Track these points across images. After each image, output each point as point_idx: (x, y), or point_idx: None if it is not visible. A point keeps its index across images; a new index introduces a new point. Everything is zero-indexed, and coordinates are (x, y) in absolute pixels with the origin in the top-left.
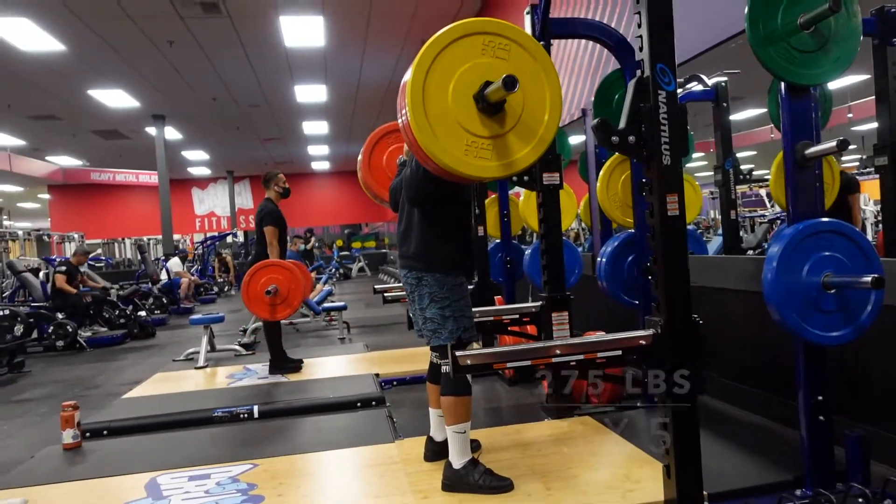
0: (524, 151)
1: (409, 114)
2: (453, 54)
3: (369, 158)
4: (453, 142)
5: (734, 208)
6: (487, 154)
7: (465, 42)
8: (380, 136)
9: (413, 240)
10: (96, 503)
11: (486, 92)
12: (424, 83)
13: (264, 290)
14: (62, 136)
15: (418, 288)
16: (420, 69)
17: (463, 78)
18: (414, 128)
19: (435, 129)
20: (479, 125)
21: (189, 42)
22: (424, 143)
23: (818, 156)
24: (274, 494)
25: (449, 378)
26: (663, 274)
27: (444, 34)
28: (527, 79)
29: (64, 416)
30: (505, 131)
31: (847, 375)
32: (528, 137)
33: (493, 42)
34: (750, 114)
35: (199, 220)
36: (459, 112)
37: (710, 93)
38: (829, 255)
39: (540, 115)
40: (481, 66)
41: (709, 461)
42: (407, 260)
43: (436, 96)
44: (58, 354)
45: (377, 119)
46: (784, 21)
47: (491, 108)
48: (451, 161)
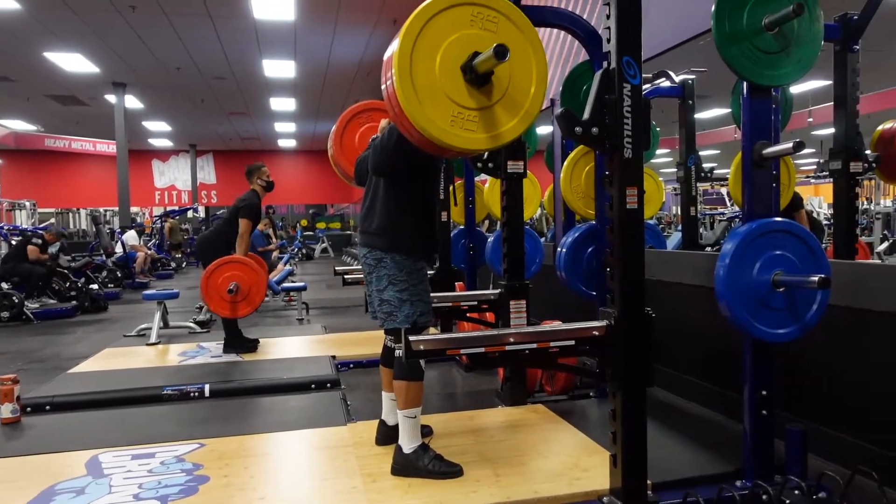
0: (511, 124)
1: (395, 83)
2: (441, 24)
3: (341, 137)
4: (440, 112)
5: (694, 205)
6: (474, 126)
7: (453, 12)
8: (353, 115)
9: (376, 216)
10: (32, 480)
11: (475, 62)
12: (412, 52)
13: (225, 287)
14: (15, 98)
15: (377, 269)
16: (408, 38)
17: (451, 48)
18: (401, 97)
19: (422, 99)
20: (466, 96)
21: (152, 8)
22: (411, 112)
23: (775, 156)
24: (220, 475)
25: (402, 362)
26: (619, 266)
27: (433, 3)
28: (514, 51)
29: (2, 390)
30: (492, 103)
31: (790, 372)
32: (514, 109)
33: (482, 14)
34: (715, 113)
35: (158, 194)
36: (447, 83)
37: (678, 89)
38: (780, 255)
39: (526, 88)
40: (469, 38)
41: (655, 451)
42: (368, 237)
43: (423, 66)
44: (2, 326)
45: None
46: (749, 21)
47: (478, 80)
48: (438, 132)
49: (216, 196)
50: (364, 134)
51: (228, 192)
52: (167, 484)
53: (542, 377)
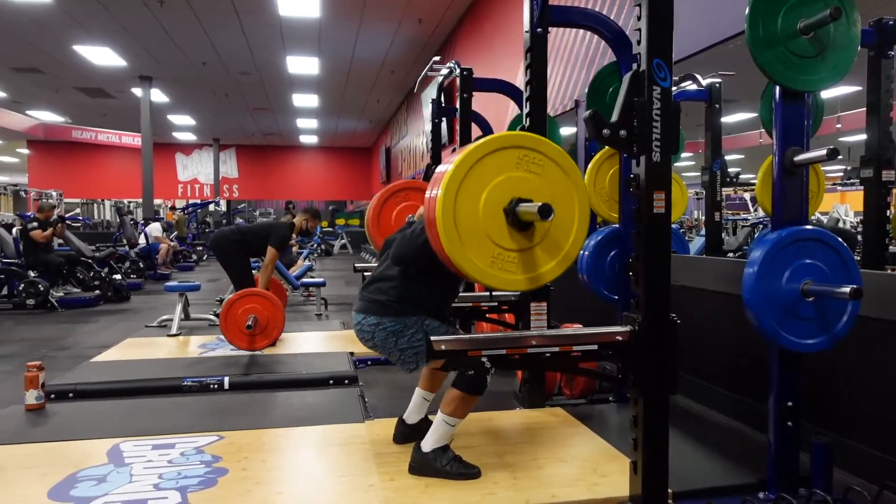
0: (549, 266)
1: (439, 222)
2: (488, 165)
3: (378, 215)
4: (480, 253)
5: (719, 210)
6: (513, 267)
7: (501, 154)
8: (389, 195)
9: (383, 290)
10: (55, 466)
11: (519, 211)
12: (458, 192)
13: (244, 320)
14: (45, 90)
15: (377, 333)
16: (455, 178)
17: (495, 190)
18: (443, 237)
19: (463, 239)
20: (507, 238)
21: (180, 3)
22: (452, 253)
23: (807, 163)
24: (238, 468)
25: (467, 376)
26: (644, 271)
27: (483, 145)
28: (557, 195)
29: (28, 377)
30: (532, 245)
31: (817, 383)
32: (554, 252)
33: (529, 156)
34: (741, 117)
35: (181, 186)
36: (489, 224)
37: (704, 93)
38: (811, 263)
39: (567, 231)
40: (514, 180)
41: (676, 460)
42: (365, 303)
43: (467, 206)
44: (27, 313)
45: (369, 96)
46: (784, 25)
47: (520, 224)
48: (476, 273)
49: (237, 190)
50: (401, 212)
51: (250, 186)
52: (187, 475)
53: (562, 380)
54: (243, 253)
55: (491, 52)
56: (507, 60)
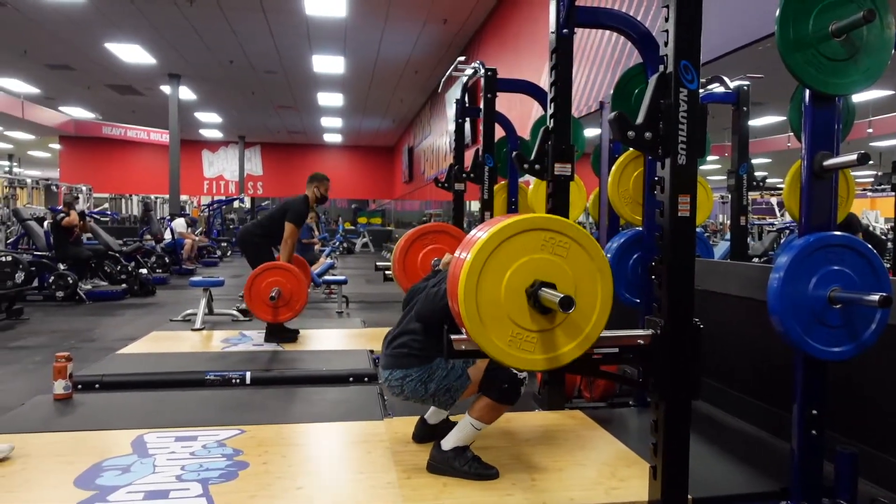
0: (569, 347)
1: (461, 303)
2: (513, 246)
3: (404, 257)
4: (500, 333)
5: (745, 214)
6: (532, 347)
7: (526, 236)
8: (414, 239)
9: (405, 343)
10: (82, 455)
11: (541, 296)
12: (481, 272)
13: (268, 292)
14: (76, 87)
15: (405, 384)
16: (480, 256)
17: (519, 272)
18: (465, 317)
19: (484, 319)
20: (528, 319)
21: (209, 2)
22: (473, 332)
23: (836, 168)
24: (259, 462)
25: (501, 386)
26: (668, 275)
27: (510, 226)
28: (581, 278)
29: (56, 367)
30: (552, 326)
31: (843, 391)
32: (574, 333)
33: (554, 239)
34: (768, 120)
35: (207, 183)
36: (510, 305)
37: (732, 95)
38: (838, 270)
39: (589, 313)
40: (537, 262)
41: (696, 465)
42: (389, 359)
43: (490, 287)
44: (57, 305)
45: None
46: (815, 27)
47: (541, 308)
48: (496, 352)
49: (262, 187)
50: (427, 255)
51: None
52: (208, 467)
53: (581, 383)
54: (268, 246)
55: (516, 53)
56: (531, 61)
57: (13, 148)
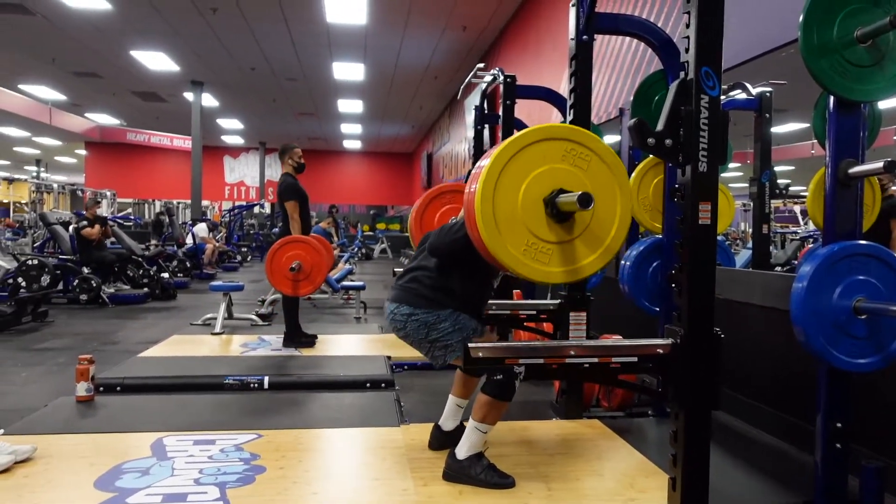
0: (590, 259)
1: (477, 207)
2: (534, 153)
3: (422, 216)
4: (516, 242)
5: (767, 223)
6: (549, 259)
7: (548, 144)
8: (433, 197)
9: (416, 278)
10: (102, 457)
11: (558, 201)
12: (499, 177)
13: (288, 265)
14: (102, 94)
15: (408, 323)
16: (498, 162)
17: (538, 180)
18: (480, 223)
19: (500, 227)
20: (545, 229)
21: (232, 10)
22: (488, 239)
23: (862, 176)
24: (275, 466)
25: (496, 381)
26: (688, 283)
27: (532, 133)
28: (601, 191)
29: (79, 369)
30: (571, 238)
31: (869, 404)
32: (594, 245)
33: (576, 150)
34: (792, 127)
35: (228, 189)
36: (528, 214)
37: (754, 102)
38: (864, 280)
39: (608, 226)
40: (557, 172)
41: (717, 477)
42: (399, 292)
43: (508, 193)
44: (80, 308)
45: (412, 102)
46: (840, 33)
47: (559, 216)
48: (511, 261)
49: None
50: (444, 214)
51: None
52: (226, 471)
53: (600, 392)
54: None
55: (535, 60)
56: (551, 68)
57: (41, 153)
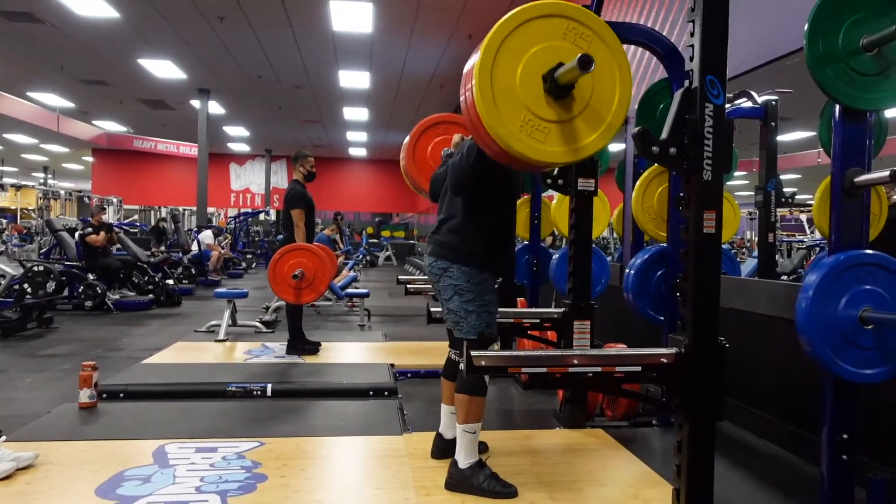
0: (591, 138)
1: (476, 77)
2: (534, 30)
3: (414, 147)
4: (514, 118)
5: (773, 231)
6: (545, 137)
7: (550, 21)
8: (426, 127)
9: (449, 230)
10: (104, 464)
11: (557, 73)
12: (499, 49)
13: (291, 273)
14: (110, 101)
15: (443, 278)
16: (500, 33)
17: (537, 56)
18: (478, 96)
19: (498, 102)
20: (544, 107)
21: (239, 19)
22: (486, 114)
23: (868, 185)
24: (277, 475)
25: (466, 379)
26: (693, 293)
27: (534, 7)
28: (602, 71)
29: (82, 376)
30: (572, 116)
31: (877, 414)
32: (595, 123)
33: (577, 30)
34: (798, 136)
35: (234, 196)
36: (526, 90)
37: (759, 110)
38: (870, 289)
39: (608, 104)
40: (558, 49)
41: (721, 488)
42: (437, 246)
43: (506, 67)
44: (85, 314)
45: (417, 111)
46: (845, 41)
47: (558, 91)
48: (509, 138)
49: None
50: (437, 146)
51: None
52: (227, 479)
53: (603, 401)
54: None
55: None
56: None
57: (48, 160)
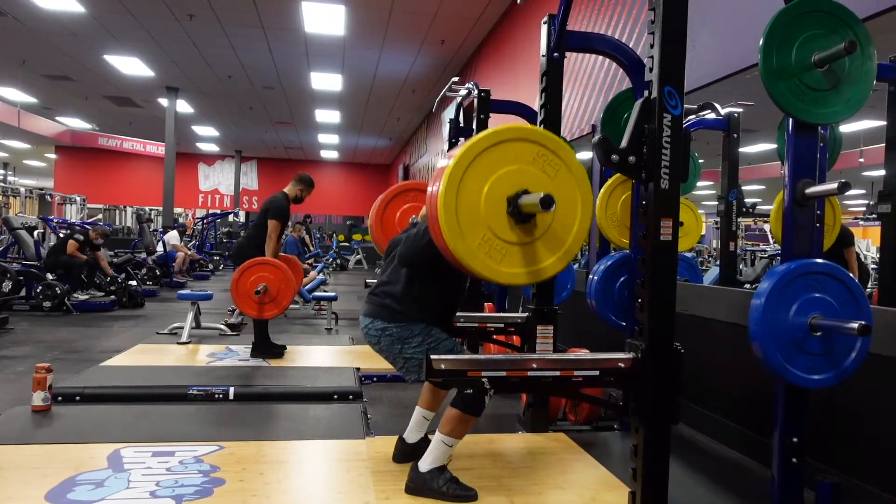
0: (550, 260)
1: (441, 195)
2: (507, 150)
3: (383, 213)
4: (473, 234)
5: (734, 240)
6: (498, 256)
7: (522, 145)
8: (396, 193)
9: (387, 292)
10: (55, 469)
11: (521, 202)
12: (471, 163)
13: (254, 288)
14: (74, 97)
15: (382, 339)
16: (476, 147)
17: (505, 177)
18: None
19: (463, 230)
20: (507, 230)
21: (209, 18)
22: (452, 242)
23: (818, 196)
24: (235, 479)
25: (466, 395)
26: (649, 298)
27: (510, 129)
28: (564, 200)
29: (36, 378)
30: (533, 239)
31: (825, 419)
32: (555, 247)
33: (547, 157)
34: (762, 147)
35: (202, 196)
36: (490, 214)
37: (722, 122)
38: (820, 297)
39: (569, 230)
40: (525, 174)
41: (677, 491)
42: (373, 307)
43: (471, 190)
44: (44, 315)
45: (389, 114)
46: (798, 57)
47: (520, 215)
48: (470, 259)
49: (257, 202)
50: (406, 212)
51: None
52: (183, 483)
53: (566, 405)
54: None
55: (512, 75)
56: (527, 83)
57: (8, 157)
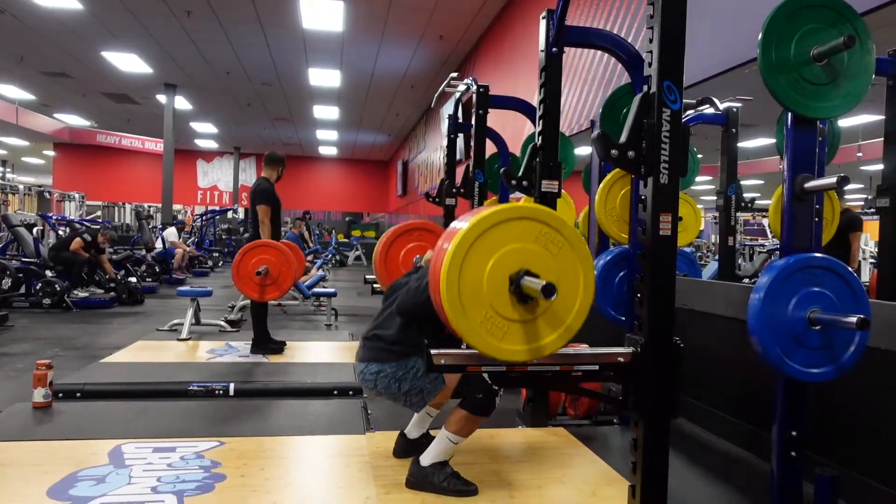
0: (551, 338)
1: (444, 273)
2: (510, 228)
3: (387, 252)
4: (475, 312)
5: (733, 235)
6: (499, 334)
7: (525, 223)
8: (401, 233)
9: (382, 336)
10: (57, 465)
11: (523, 284)
12: (475, 241)
13: (255, 269)
14: (72, 94)
15: (379, 380)
16: (480, 226)
17: (508, 255)
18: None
19: (466, 309)
20: (509, 308)
21: (207, 14)
22: (455, 321)
23: (817, 190)
24: (236, 474)
25: (476, 397)
26: (648, 293)
27: (514, 208)
28: (565, 277)
29: (37, 375)
30: (533, 317)
31: (824, 412)
32: (556, 324)
33: (549, 235)
34: (761, 142)
35: (201, 193)
36: (492, 292)
37: (721, 117)
38: (818, 291)
39: (570, 308)
40: (528, 252)
41: (676, 485)
42: (367, 352)
43: (475, 266)
44: (43, 312)
45: (388, 110)
46: (797, 51)
47: (523, 296)
48: (472, 336)
49: None
50: (409, 252)
51: None
52: (185, 479)
53: (566, 400)
54: None
55: (511, 70)
56: (526, 78)
57: (7, 154)
